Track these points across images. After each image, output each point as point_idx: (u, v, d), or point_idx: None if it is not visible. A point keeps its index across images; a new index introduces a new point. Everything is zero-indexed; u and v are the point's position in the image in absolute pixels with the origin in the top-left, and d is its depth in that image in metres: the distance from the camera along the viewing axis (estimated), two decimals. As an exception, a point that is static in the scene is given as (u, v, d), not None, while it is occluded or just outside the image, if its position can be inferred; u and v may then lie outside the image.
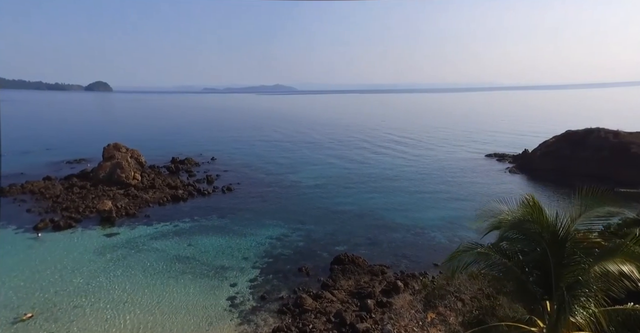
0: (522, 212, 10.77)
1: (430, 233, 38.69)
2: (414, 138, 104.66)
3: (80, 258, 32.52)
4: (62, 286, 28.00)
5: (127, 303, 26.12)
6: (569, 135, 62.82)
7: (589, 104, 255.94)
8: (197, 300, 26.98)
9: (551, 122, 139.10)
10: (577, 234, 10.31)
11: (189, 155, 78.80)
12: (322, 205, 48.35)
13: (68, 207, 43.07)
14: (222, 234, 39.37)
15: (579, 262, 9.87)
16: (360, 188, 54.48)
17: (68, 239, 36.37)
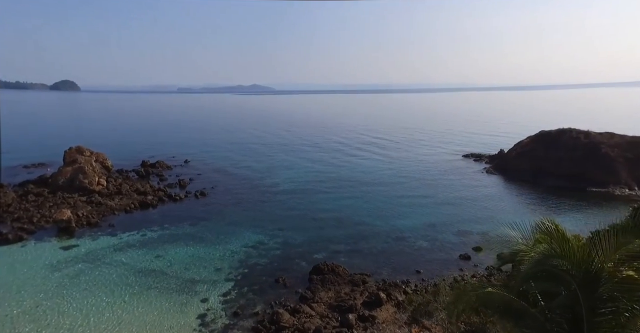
0: (542, 244, 9.00)
1: (411, 238, 37.67)
2: (392, 139, 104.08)
3: (29, 275, 29.29)
4: (3, 311, 24.85)
5: (82, 327, 23.44)
6: (542, 135, 63.86)
7: (565, 104, 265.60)
8: (162, 320, 24.62)
9: (528, 121, 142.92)
10: (616, 272, 8.57)
11: (161, 158, 75.10)
12: (300, 210, 46.59)
13: (20, 217, 39.26)
14: (194, 243, 36.89)
15: (619, 309, 7.80)
16: (338, 192, 53.04)
17: (17, 254, 32.87)
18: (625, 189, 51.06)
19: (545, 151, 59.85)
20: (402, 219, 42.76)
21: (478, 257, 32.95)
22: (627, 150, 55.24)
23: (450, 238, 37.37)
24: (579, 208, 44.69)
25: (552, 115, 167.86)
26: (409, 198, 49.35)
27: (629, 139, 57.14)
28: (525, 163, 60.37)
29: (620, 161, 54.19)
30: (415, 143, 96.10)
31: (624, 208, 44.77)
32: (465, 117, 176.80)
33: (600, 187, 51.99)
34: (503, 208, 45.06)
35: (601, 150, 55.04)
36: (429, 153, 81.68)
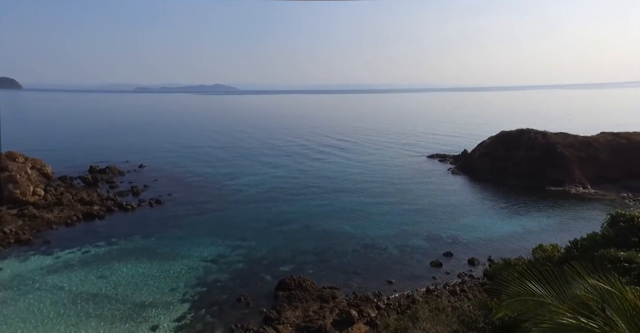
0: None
1: (381, 245, 36.27)
2: (357, 141, 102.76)
3: (-63, 310, 24.57)
4: None
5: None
6: (503, 135, 65.41)
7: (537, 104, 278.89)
8: (104, 356, 21.25)
9: (492, 121, 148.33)
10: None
11: (113, 163, 69.20)
12: (265, 218, 43.92)
13: None
14: (146, 259, 33.22)
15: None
16: (304, 197, 50.86)
17: None
18: (579, 187, 53.09)
19: (506, 151, 61.23)
20: (371, 225, 41.36)
21: (449, 263, 32.08)
22: (580, 150, 57.67)
23: (421, 243, 36.39)
24: (540, 208, 45.59)
25: (518, 115, 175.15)
26: (377, 203, 48.15)
27: (581, 139, 59.75)
28: (489, 163, 61.45)
29: (574, 160, 56.42)
30: (381, 144, 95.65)
31: (580, 207, 46.38)
32: (431, 117, 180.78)
33: (557, 185, 53.73)
34: (469, 210, 45.01)
35: (557, 150, 57.03)
36: (395, 155, 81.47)
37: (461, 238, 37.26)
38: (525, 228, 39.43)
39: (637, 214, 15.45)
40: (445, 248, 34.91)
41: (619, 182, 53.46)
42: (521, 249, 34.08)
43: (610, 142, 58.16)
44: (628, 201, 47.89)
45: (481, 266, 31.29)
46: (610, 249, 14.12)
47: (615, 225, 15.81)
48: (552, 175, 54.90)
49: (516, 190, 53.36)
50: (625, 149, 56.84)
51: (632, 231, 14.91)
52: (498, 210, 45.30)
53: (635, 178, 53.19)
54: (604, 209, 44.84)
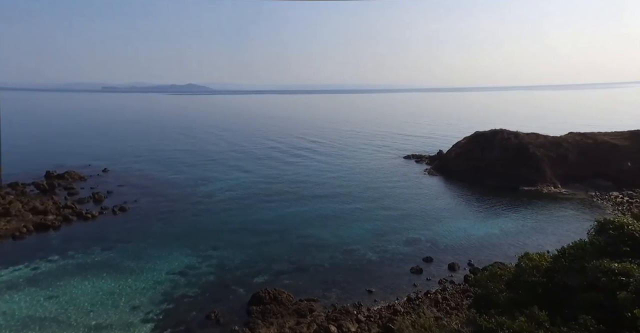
0: None
1: (360, 251, 35.03)
2: (332, 142, 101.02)
3: None
4: None
5: None
6: (477, 136, 66.07)
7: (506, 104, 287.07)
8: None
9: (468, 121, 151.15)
10: None
11: (73, 167, 64.77)
12: (238, 224, 41.75)
13: None
14: (105, 274, 30.42)
15: None
16: (280, 201, 48.95)
17: None
18: (551, 187, 54.15)
19: (481, 151, 61.78)
20: (350, 229, 40.10)
21: (429, 269, 31.23)
22: (550, 150, 58.96)
23: (400, 248, 35.44)
24: (515, 209, 45.85)
25: (494, 115, 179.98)
26: (354, 206, 46.96)
27: (551, 139, 61.17)
28: (464, 163, 61.78)
29: (545, 160, 57.58)
30: (358, 146, 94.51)
31: (552, 206, 46.94)
32: (409, 117, 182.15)
33: (530, 185, 54.56)
34: (447, 212, 44.63)
35: (529, 150, 58.03)
36: (372, 156, 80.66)
37: (440, 241, 36.63)
38: (502, 229, 39.36)
39: (626, 221, 14.82)
40: (425, 252, 34.10)
41: (587, 181, 54.91)
42: (500, 252, 33.92)
43: (578, 142, 59.84)
44: (596, 200, 49.12)
45: (461, 271, 30.65)
46: (603, 260, 13.32)
47: (604, 233, 15.12)
48: (525, 175, 55.72)
49: (491, 190, 53.71)
50: (592, 148, 58.58)
51: (622, 240, 14.23)
52: (475, 212, 45.20)
53: (602, 177, 54.81)
54: (575, 208, 45.75)
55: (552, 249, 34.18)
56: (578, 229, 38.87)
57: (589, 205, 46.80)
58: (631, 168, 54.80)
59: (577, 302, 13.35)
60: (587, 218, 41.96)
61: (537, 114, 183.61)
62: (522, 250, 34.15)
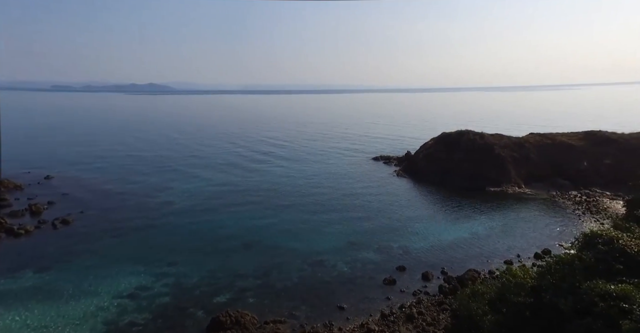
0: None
1: (330, 261, 33.06)
2: (297, 144, 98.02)
3: None
4: None
5: None
6: (444, 137, 66.39)
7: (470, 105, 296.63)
8: None
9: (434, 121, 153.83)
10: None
11: (8, 174, 57.86)
12: (199, 236, 38.48)
13: None
14: (36, 303, 26.41)
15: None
16: (243, 210, 45.88)
17: None
18: (515, 187, 55.13)
19: (448, 153, 61.99)
20: (319, 238, 38.04)
21: (403, 279, 29.81)
22: (514, 150, 60.23)
23: (372, 257, 33.84)
24: (483, 211, 45.88)
25: (460, 115, 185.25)
26: (323, 213, 44.97)
27: (514, 140, 62.58)
28: (432, 165, 61.70)
29: (510, 161, 58.67)
30: (324, 148, 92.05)
31: (518, 207, 47.33)
32: (374, 118, 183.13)
33: (496, 186, 55.24)
34: (417, 216, 43.74)
35: (494, 151, 58.88)
36: (339, 158, 78.92)
37: (412, 248, 35.46)
38: (472, 232, 38.91)
39: (615, 234, 13.81)
40: (397, 261, 32.71)
41: (548, 181, 56.46)
42: (472, 258, 33.17)
43: (539, 142, 61.59)
44: (558, 199, 50.39)
45: (435, 280, 29.48)
46: (597, 281, 12.10)
47: (593, 247, 14.03)
48: (491, 176, 56.35)
49: (459, 191, 53.74)
50: (551, 149, 60.46)
51: (614, 256, 13.16)
52: (445, 215, 44.68)
53: (561, 176, 56.58)
54: (539, 209, 46.47)
55: (522, 254, 34.29)
56: (545, 230, 39.35)
57: (552, 205, 47.80)
58: (587, 167, 56.99)
59: (572, 329, 12.02)
60: (551, 219, 42.68)
61: (494, 115, 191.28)
62: (493, 255, 33.91)
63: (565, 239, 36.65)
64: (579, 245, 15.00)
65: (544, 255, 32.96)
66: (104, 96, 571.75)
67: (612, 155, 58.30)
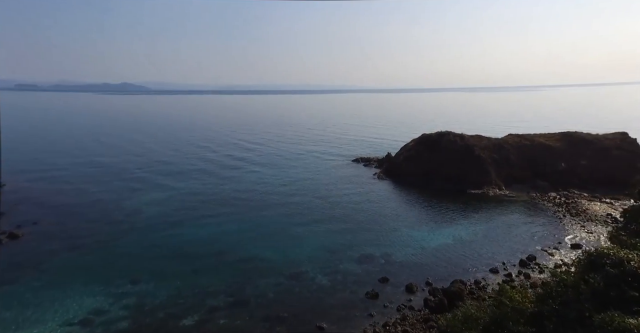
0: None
1: (309, 273, 30.89)
2: (273, 146, 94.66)
3: None
4: None
5: None
6: (424, 138, 65.44)
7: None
8: None
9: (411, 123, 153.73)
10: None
11: (-46, 182, 52.55)
12: (167, 248, 35.50)
13: None
14: (-27, 333, 22.85)
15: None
16: (216, 218, 43.01)
17: None
18: (496, 189, 54.63)
19: (428, 154, 61.01)
20: (297, 247, 35.78)
21: (386, 292, 27.98)
22: (494, 152, 59.88)
23: (353, 267, 31.89)
24: (465, 215, 44.83)
25: (440, 116, 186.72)
26: (301, 220, 42.70)
27: (494, 141, 62.30)
28: (413, 167, 60.56)
29: (490, 162, 58.25)
30: (302, 150, 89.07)
31: (500, 210, 46.50)
32: (352, 119, 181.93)
33: (477, 188, 54.56)
34: (399, 222, 42.16)
35: (475, 153, 58.31)
36: (318, 161, 76.50)
37: (395, 256, 33.76)
38: (455, 238, 37.64)
39: (625, 255, 12.29)
40: (379, 272, 30.88)
41: (527, 182, 56.35)
42: (457, 267, 31.74)
43: (518, 144, 61.52)
44: (538, 201, 50.12)
45: (420, 293, 27.80)
46: (613, 314, 10.47)
47: (600, 269, 12.48)
48: (472, 178, 55.65)
49: (441, 194, 52.73)
50: (529, 150, 60.48)
51: (625, 280, 11.62)
52: (427, 220, 43.32)
53: (540, 178, 56.60)
54: (520, 212, 45.86)
55: (507, 261, 33.10)
56: (528, 234, 38.54)
57: (533, 208, 47.37)
58: (565, 168, 57.28)
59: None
60: (534, 222, 41.99)
61: (476, 115, 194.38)
62: (478, 263, 32.52)
63: (549, 244, 35.97)
64: (583, 266, 13.41)
65: (529, 262, 32.06)
66: (73, 96, 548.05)
67: (587, 156, 58.90)
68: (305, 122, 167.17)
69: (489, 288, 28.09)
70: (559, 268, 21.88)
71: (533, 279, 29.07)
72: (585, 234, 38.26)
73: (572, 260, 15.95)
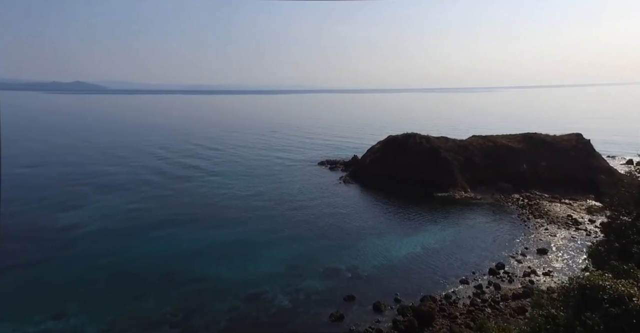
0: None
1: (268, 294, 27.90)
2: (232, 149, 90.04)
3: None
4: None
5: None
6: (390, 140, 64.25)
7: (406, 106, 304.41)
8: None
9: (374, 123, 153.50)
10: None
11: None
12: (105, 270, 31.16)
13: None
14: None
15: None
16: (167, 232, 38.85)
17: None
18: (462, 192, 54.22)
19: (395, 157, 59.78)
20: (256, 263, 32.64)
21: (352, 312, 25.58)
22: (459, 154, 59.63)
23: (316, 284, 29.25)
24: (433, 219, 43.57)
25: (393, 116, 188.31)
26: (261, 230, 39.54)
27: (459, 143, 62.15)
28: (380, 170, 59.08)
29: (455, 164, 57.89)
30: (264, 153, 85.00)
31: (466, 214, 45.63)
32: (316, 120, 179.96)
33: (443, 191, 53.85)
34: (366, 230, 40.05)
35: (440, 155, 57.71)
36: (281, 164, 72.57)
37: (362, 270, 31.52)
38: (424, 246, 36.06)
39: (625, 289, 10.48)
40: (345, 288, 28.46)
41: (491, 184, 56.46)
42: (427, 280, 29.94)
43: (482, 145, 61.71)
44: (503, 203, 50.09)
45: (389, 312, 25.64)
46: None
47: (596, 307, 10.61)
48: (438, 181, 54.91)
49: (408, 198, 51.45)
50: (493, 151, 60.82)
51: (628, 321, 9.78)
52: (394, 227, 41.58)
53: (504, 179, 56.94)
54: (486, 215, 45.34)
55: (476, 270, 31.76)
56: (495, 240, 37.67)
57: (498, 210, 47.10)
58: (527, 170, 58.02)
59: None
60: (500, 226, 41.34)
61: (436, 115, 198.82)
62: (448, 274, 30.68)
63: (516, 250, 35.23)
64: (575, 298, 11.48)
65: (498, 270, 30.95)
66: (12, 95, 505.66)
67: (547, 157, 60.09)
68: (270, 123, 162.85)
69: (460, 302, 26.51)
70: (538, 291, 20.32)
71: (504, 290, 27.87)
72: (549, 238, 38.04)
73: (557, 283, 14.61)
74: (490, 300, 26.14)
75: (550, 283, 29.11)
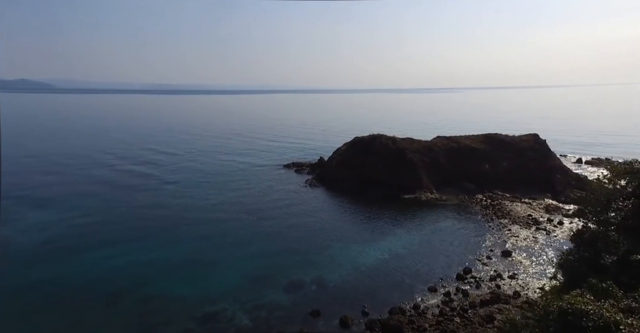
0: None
1: (227, 311, 25.66)
2: (192, 155, 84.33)
3: None
4: None
5: None
6: (356, 142, 63.40)
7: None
8: None
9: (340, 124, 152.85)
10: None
11: None
12: (39, 292, 27.58)
13: None
14: None
15: None
16: (114, 246, 35.29)
17: None
18: (428, 193, 54.26)
19: (361, 158, 58.93)
20: (215, 278, 30.17)
21: (318, 328, 23.95)
22: (424, 155, 59.77)
23: (280, 298, 27.33)
24: (399, 223, 43.01)
25: (360, 117, 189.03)
26: (222, 241, 37.01)
27: (424, 144, 62.36)
28: (346, 172, 57.96)
29: (421, 166, 57.94)
30: (225, 157, 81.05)
31: (432, 216, 45.30)
32: (282, 121, 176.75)
33: (410, 193, 53.62)
34: (332, 237, 38.55)
35: (407, 156, 57.52)
36: (244, 168, 69.51)
37: (328, 280, 29.96)
38: (391, 252, 35.14)
39: (610, 316, 9.52)
40: (310, 302, 26.76)
41: (456, 185, 56.97)
42: (395, 289, 28.86)
43: (446, 146, 62.27)
44: (467, 204, 50.57)
45: (356, 326, 24.24)
46: None
47: (579, 335, 9.59)
48: (405, 183, 54.65)
49: (375, 201, 50.62)
50: (457, 152, 61.56)
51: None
52: (361, 232, 40.43)
53: (467, 180, 57.67)
54: (452, 217, 45.36)
55: (444, 275, 30.97)
56: (461, 243, 37.48)
57: (463, 212, 47.36)
58: (489, 170, 59.17)
59: None
60: (466, 228, 41.39)
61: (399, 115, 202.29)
62: (416, 282, 29.52)
63: (481, 252, 35.15)
64: (557, 323, 10.43)
65: (466, 276, 30.50)
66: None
67: (507, 157, 61.66)
68: (232, 124, 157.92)
69: (429, 312, 25.61)
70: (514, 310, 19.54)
71: (472, 297, 27.34)
72: (513, 239, 38.42)
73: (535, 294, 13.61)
74: (459, 309, 25.44)
75: (516, 286, 29.09)
